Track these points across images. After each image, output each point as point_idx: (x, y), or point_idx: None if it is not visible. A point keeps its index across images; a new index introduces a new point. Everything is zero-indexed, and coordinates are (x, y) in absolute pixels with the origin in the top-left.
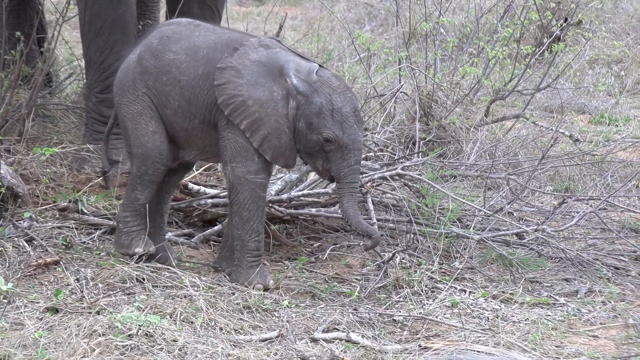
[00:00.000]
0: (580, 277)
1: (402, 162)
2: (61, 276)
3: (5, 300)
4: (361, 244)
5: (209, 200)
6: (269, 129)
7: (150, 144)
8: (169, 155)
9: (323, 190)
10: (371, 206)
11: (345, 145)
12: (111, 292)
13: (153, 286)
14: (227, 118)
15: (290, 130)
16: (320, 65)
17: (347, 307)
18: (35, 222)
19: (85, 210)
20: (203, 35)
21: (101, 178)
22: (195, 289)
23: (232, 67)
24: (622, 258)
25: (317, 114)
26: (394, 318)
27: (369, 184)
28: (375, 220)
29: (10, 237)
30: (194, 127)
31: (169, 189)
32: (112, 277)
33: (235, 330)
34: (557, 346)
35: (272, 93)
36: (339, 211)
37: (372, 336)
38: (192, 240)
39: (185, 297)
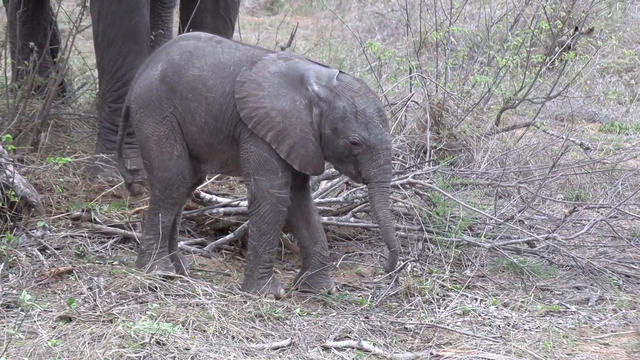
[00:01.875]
0: (591, 285)
1: (413, 171)
2: (74, 285)
3: (22, 313)
4: (381, 261)
5: (221, 209)
6: (294, 139)
7: (176, 169)
8: (192, 177)
9: (334, 199)
10: None
11: (374, 146)
12: (124, 301)
13: (165, 295)
14: (250, 132)
15: (316, 138)
16: (340, 71)
17: (359, 315)
18: (48, 232)
19: (98, 219)
20: (227, 52)
21: (125, 187)
22: (208, 297)
23: (252, 80)
24: (633, 266)
25: (342, 119)
26: (406, 326)
27: None
28: None
29: (23, 247)
30: (219, 142)
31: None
32: (124, 285)
33: (247, 338)
34: (568, 354)
35: (295, 102)
36: (370, 213)
37: (384, 344)
38: (205, 249)
39: (197, 305)
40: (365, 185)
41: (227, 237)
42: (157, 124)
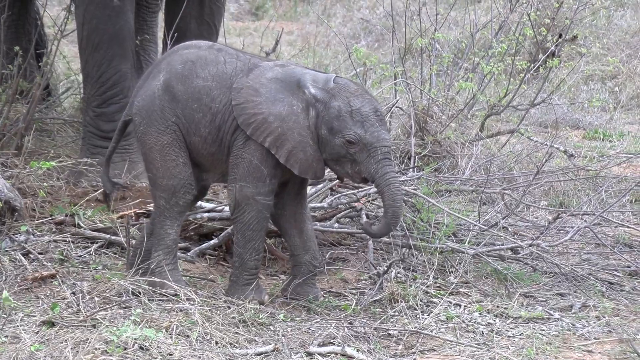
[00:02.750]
0: (575, 291)
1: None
2: (57, 290)
3: (4, 315)
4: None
5: (205, 214)
6: (293, 143)
7: (182, 175)
8: (197, 184)
9: (319, 205)
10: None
11: (370, 144)
12: (107, 306)
13: (149, 300)
14: (245, 139)
15: (314, 141)
16: (337, 76)
17: (343, 321)
18: (32, 236)
19: (81, 224)
20: (229, 62)
21: (102, 197)
22: (191, 302)
23: (249, 87)
24: (616, 273)
25: (337, 117)
26: (389, 332)
27: (363, 198)
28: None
29: (6, 251)
30: (221, 151)
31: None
32: (108, 290)
33: (230, 344)
34: None
35: (292, 107)
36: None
37: (367, 350)
38: (189, 254)
39: (181, 310)
40: (364, 184)
41: (211, 242)
42: (160, 133)
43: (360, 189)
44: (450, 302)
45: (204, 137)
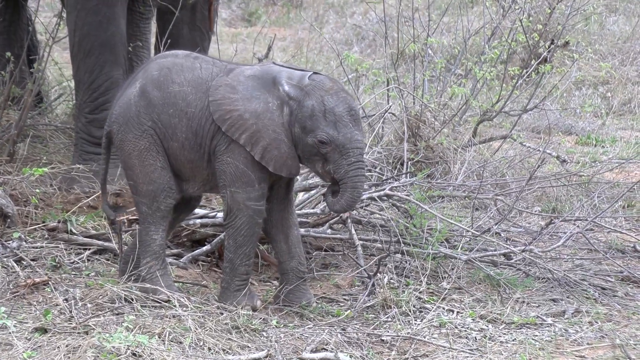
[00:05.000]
0: (568, 297)
1: (390, 183)
2: (50, 296)
3: None
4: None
5: (198, 221)
6: (267, 140)
7: (161, 179)
8: (177, 189)
9: (312, 211)
10: (353, 230)
11: (342, 145)
12: (100, 312)
13: (142, 306)
14: (227, 144)
15: (289, 138)
16: (315, 72)
17: (336, 327)
18: (24, 242)
19: (74, 231)
20: (205, 68)
21: (109, 224)
22: (184, 309)
23: (227, 84)
24: (609, 278)
25: (310, 117)
26: (382, 338)
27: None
28: (358, 243)
29: None
30: (200, 157)
31: (172, 229)
32: (101, 297)
33: (223, 350)
34: None
35: (268, 104)
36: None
37: (360, 356)
38: (181, 260)
39: (173, 317)
40: (333, 184)
41: (204, 248)
42: (137, 138)
43: None
44: (443, 308)
45: (181, 142)
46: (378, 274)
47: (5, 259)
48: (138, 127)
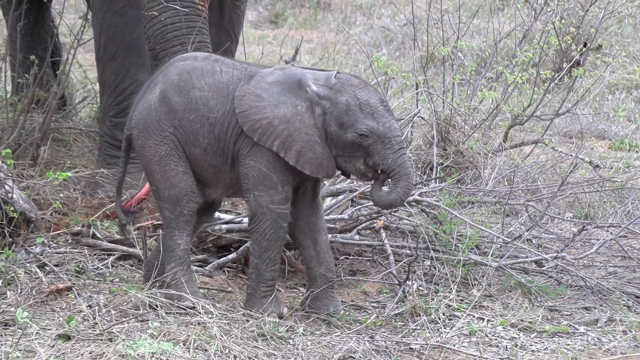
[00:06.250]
0: (601, 305)
1: (419, 188)
2: (73, 302)
3: (20, 330)
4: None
5: (224, 226)
6: (301, 143)
7: (183, 184)
8: (200, 194)
9: (339, 216)
10: (384, 235)
11: (384, 135)
12: (124, 319)
13: (166, 313)
14: (250, 147)
15: (322, 139)
16: (338, 71)
17: (363, 334)
18: (47, 248)
19: (98, 235)
20: (225, 72)
21: (119, 228)
22: (209, 316)
23: (251, 93)
24: None
25: (346, 112)
26: (411, 346)
27: (382, 218)
28: (390, 250)
29: (22, 263)
30: (223, 162)
31: (194, 232)
32: (125, 303)
33: (249, 358)
34: None
35: (296, 107)
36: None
37: None
38: (206, 268)
39: (199, 324)
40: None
41: (230, 256)
42: (158, 144)
43: None
44: (473, 316)
45: (203, 148)
46: (408, 281)
47: (28, 265)
48: (159, 134)
